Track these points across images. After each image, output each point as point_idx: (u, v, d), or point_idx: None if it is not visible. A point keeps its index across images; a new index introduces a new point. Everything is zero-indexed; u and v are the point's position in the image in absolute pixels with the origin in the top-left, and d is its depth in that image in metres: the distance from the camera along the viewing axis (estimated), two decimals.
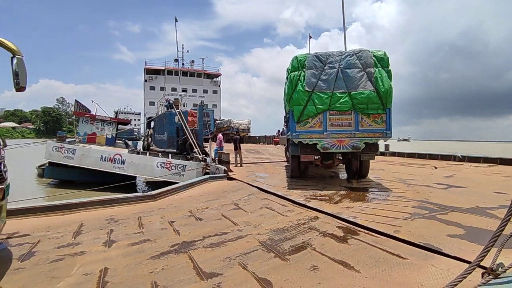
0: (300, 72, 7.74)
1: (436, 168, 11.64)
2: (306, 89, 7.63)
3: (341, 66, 7.61)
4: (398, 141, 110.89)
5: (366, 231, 4.08)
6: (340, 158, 8.91)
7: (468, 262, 2.78)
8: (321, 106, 7.61)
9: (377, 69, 7.52)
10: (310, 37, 36.09)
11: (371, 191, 7.06)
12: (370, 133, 7.63)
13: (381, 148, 20.97)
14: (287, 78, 8.30)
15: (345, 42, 19.58)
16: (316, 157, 8.64)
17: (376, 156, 9.01)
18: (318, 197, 6.41)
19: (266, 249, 3.55)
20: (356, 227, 4.28)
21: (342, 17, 19.33)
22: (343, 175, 9.84)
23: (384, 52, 7.72)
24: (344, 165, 9.65)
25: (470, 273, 1.83)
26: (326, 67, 7.68)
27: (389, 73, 7.62)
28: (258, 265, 3.10)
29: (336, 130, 7.67)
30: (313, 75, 7.66)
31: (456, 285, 1.82)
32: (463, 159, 14.43)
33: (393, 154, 18.57)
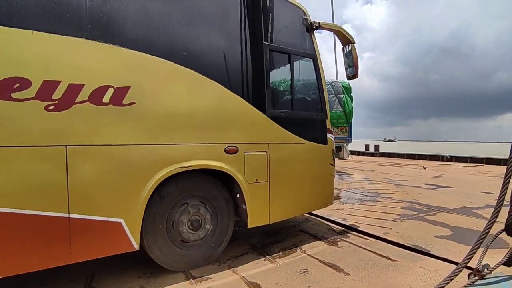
0: None
1: (424, 168, 11.84)
2: None
3: None
4: (384, 141, 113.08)
5: (356, 233, 4.11)
6: None
7: (455, 263, 2.82)
8: None
9: (344, 95, 10.70)
10: None
11: (361, 192, 7.12)
12: (338, 140, 10.52)
13: (371, 149, 21.24)
14: None
15: (334, 44, 19.65)
16: None
17: (366, 157, 11.12)
18: None
19: (256, 252, 3.54)
20: (346, 229, 4.30)
21: (332, 19, 19.51)
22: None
23: (349, 83, 10.78)
24: None
25: (457, 275, 1.85)
26: None
27: (351, 98, 10.74)
28: (248, 269, 3.09)
29: None
30: None
31: (443, 287, 1.83)
32: (451, 159, 14.71)
33: (383, 154, 18.79)
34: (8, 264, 2.15)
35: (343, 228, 4.36)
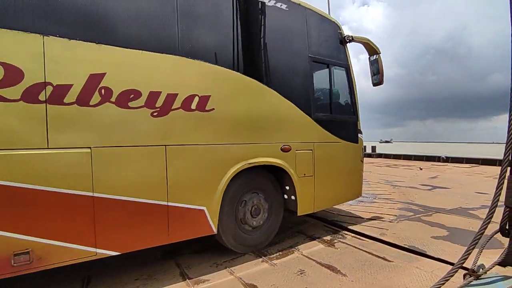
0: None
1: (421, 169, 11.89)
2: None
3: None
4: (380, 142, 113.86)
5: (353, 234, 4.12)
6: None
7: (451, 264, 2.84)
8: None
9: None
10: None
11: None
12: None
13: (368, 150, 21.31)
14: None
15: None
16: None
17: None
18: None
19: (253, 253, 3.54)
20: (343, 230, 4.32)
21: None
22: None
23: (338, 90, 11.53)
24: None
25: (453, 275, 1.87)
26: None
27: None
28: (245, 270, 3.09)
29: None
30: None
31: (439, 287, 1.85)
32: (447, 159, 14.79)
33: (380, 155, 18.86)
34: (125, 242, 2.65)
35: (340, 229, 4.37)
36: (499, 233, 1.93)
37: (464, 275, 1.94)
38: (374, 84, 4.64)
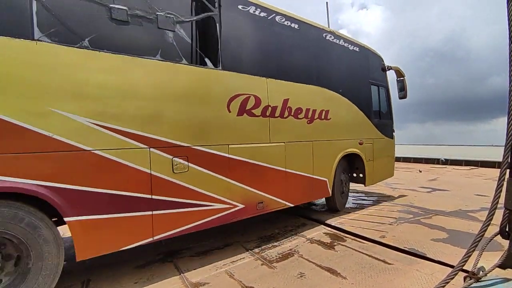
0: None
1: (420, 171, 11.87)
2: None
3: None
4: None
5: (352, 237, 4.11)
6: None
7: (451, 266, 2.83)
8: None
9: None
10: None
11: (357, 196, 7.13)
12: None
13: None
14: None
15: None
16: None
17: None
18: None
19: (253, 256, 3.53)
20: (342, 233, 4.31)
21: (327, 24, 19.58)
22: None
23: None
24: None
25: (453, 278, 1.86)
26: None
27: None
28: (245, 273, 3.08)
29: None
30: None
31: None
32: (446, 162, 14.78)
33: None
34: (297, 198, 4.47)
35: (340, 232, 4.36)
36: (499, 235, 1.93)
37: (465, 278, 1.94)
38: (400, 98, 6.62)
